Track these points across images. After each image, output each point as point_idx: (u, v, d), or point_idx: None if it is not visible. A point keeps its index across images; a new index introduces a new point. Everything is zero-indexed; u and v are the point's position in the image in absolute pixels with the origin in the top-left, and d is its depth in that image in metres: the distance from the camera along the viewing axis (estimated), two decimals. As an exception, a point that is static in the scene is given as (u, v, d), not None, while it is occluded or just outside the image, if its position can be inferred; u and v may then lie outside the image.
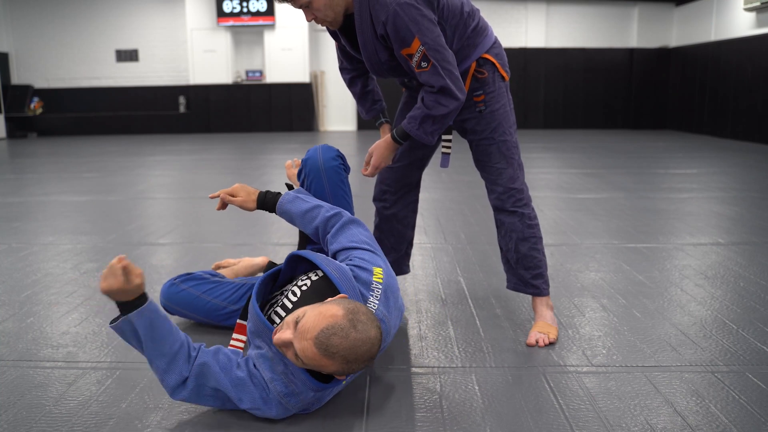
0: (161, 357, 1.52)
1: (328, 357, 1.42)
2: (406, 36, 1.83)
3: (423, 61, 1.87)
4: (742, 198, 4.77)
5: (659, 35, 12.36)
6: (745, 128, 9.73)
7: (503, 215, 2.17)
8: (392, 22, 1.82)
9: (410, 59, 1.88)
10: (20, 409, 1.65)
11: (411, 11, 1.81)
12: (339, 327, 1.42)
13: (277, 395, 1.54)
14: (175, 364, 1.52)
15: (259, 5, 11.86)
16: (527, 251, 2.15)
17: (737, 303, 2.44)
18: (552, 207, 4.43)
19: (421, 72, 1.89)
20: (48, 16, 12.41)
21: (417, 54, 1.86)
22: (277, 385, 1.54)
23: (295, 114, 12.44)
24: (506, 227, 2.17)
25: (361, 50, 1.96)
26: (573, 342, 2.08)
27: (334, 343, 1.41)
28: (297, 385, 1.54)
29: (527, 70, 12.44)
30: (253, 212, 3.13)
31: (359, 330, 1.43)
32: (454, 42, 1.98)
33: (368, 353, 1.45)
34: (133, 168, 7.02)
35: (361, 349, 1.44)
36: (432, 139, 2.01)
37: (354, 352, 1.43)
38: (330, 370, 1.46)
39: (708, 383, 1.77)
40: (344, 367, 1.45)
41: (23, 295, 2.58)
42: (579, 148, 8.75)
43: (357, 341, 1.43)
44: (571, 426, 1.55)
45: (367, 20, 1.88)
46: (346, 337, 1.42)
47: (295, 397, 1.54)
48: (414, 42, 1.84)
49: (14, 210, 4.49)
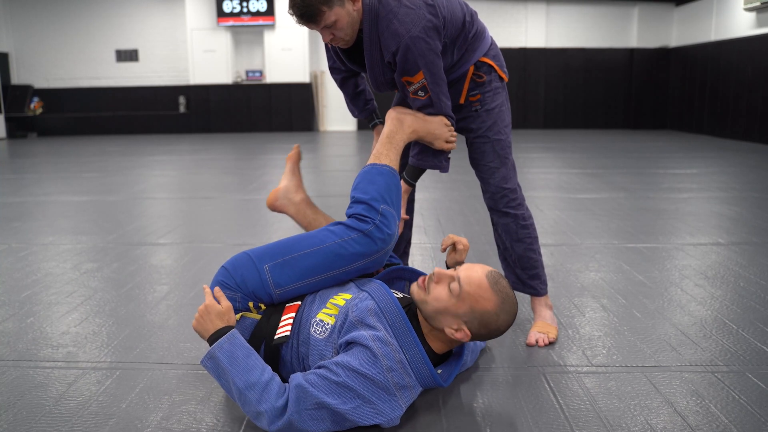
0: (251, 388, 1.45)
1: (493, 290, 1.53)
2: (411, 68, 1.88)
3: (421, 91, 1.93)
4: (742, 198, 4.77)
5: (659, 35, 12.37)
6: (745, 128, 9.73)
7: (497, 216, 2.19)
8: (402, 54, 1.86)
9: (408, 86, 1.94)
10: (20, 409, 1.64)
11: (421, 45, 1.85)
12: (499, 274, 1.59)
13: (393, 386, 1.47)
14: (269, 392, 1.45)
15: (259, 5, 11.86)
16: (522, 252, 2.16)
17: (737, 303, 2.44)
18: (552, 207, 4.43)
19: (415, 99, 1.96)
20: (48, 16, 12.42)
21: (417, 84, 1.92)
22: (395, 376, 1.47)
23: (295, 114, 12.44)
24: (501, 227, 2.18)
25: (368, 68, 1.98)
26: (573, 342, 2.08)
27: (503, 283, 1.56)
28: (411, 377, 1.50)
29: (527, 70, 12.44)
30: (253, 212, 3.14)
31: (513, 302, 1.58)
32: (455, 53, 2.01)
33: (512, 312, 1.57)
34: (133, 168, 7.02)
35: (512, 305, 1.56)
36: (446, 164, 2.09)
37: (509, 302, 1.56)
38: (485, 306, 1.53)
39: (708, 383, 1.77)
40: (499, 308, 1.54)
41: (23, 295, 2.58)
42: (579, 148, 8.75)
43: (513, 298, 1.57)
44: (571, 426, 1.55)
45: (375, 43, 1.90)
46: (508, 289, 1.57)
47: (408, 392, 1.50)
48: (418, 74, 1.89)
49: (14, 210, 4.49)
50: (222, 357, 1.50)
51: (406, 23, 1.83)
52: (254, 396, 1.45)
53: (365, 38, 1.90)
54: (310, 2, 1.77)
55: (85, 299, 2.54)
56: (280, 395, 1.45)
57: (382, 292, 1.62)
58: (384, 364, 1.46)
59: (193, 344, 2.07)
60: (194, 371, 1.87)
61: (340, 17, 1.81)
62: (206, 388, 1.76)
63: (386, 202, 1.78)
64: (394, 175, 1.86)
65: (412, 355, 1.51)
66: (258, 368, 1.49)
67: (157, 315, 2.36)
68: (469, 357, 1.84)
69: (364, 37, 1.90)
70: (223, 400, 1.70)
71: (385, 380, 1.46)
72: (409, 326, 1.55)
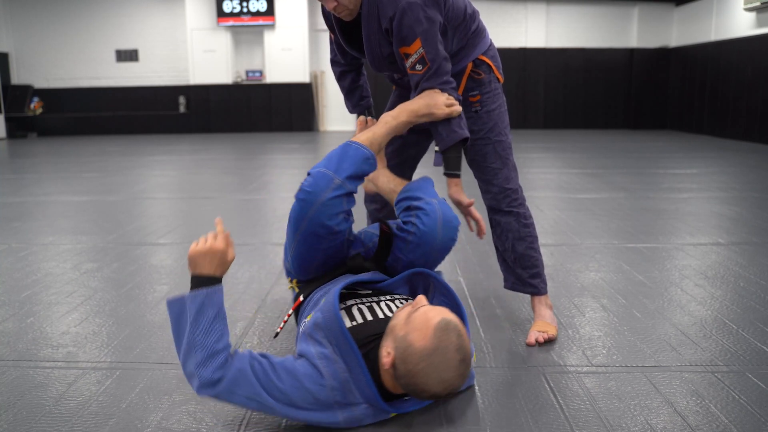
0: (201, 349, 1.42)
1: (434, 331, 1.38)
2: (408, 35, 1.83)
3: (419, 64, 1.87)
4: (742, 198, 4.77)
5: (659, 35, 12.36)
6: (745, 128, 9.73)
7: (499, 215, 2.17)
8: (398, 19, 1.82)
9: (406, 59, 1.89)
10: (20, 409, 1.64)
11: (418, 11, 1.81)
12: (459, 332, 1.41)
13: (334, 403, 1.46)
14: (213, 361, 1.42)
15: (259, 5, 11.86)
16: (524, 251, 2.15)
17: (737, 303, 2.44)
18: (552, 207, 4.43)
19: (413, 74, 1.90)
20: (48, 16, 12.42)
21: (415, 55, 1.86)
22: (337, 395, 1.46)
23: (295, 114, 12.44)
24: (502, 227, 2.17)
25: (365, 42, 1.96)
26: (573, 342, 2.08)
27: (452, 340, 1.39)
28: (355, 396, 1.47)
29: (527, 70, 12.44)
30: (253, 212, 3.14)
31: (465, 359, 1.41)
32: (455, 42, 1.99)
33: (439, 372, 1.38)
34: (133, 168, 7.02)
35: (444, 364, 1.38)
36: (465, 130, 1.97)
37: (442, 359, 1.38)
38: (414, 341, 1.39)
39: (708, 383, 1.77)
40: (426, 353, 1.37)
41: (23, 295, 2.58)
42: (579, 148, 8.75)
43: (452, 362, 1.39)
44: (571, 426, 1.55)
45: (374, 13, 1.88)
46: (454, 352, 1.39)
47: (350, 409, 1.47)
48: (414, 43, 1.84)
49: (14, 210, 4.49)
50: (191, 308, 1.45)
51: None
52: (198, 358, 1.43)
53: (364, 7, 1.88)
54: None
55: (85, 299, 2.54)
56: (219, 368, 1.42)
57: (328, 307, 1.54)
58: (328, 384, 1.45)
59: (193, 344, 2.07)
60: (194, 371, 1.87)
61: None
62: (206, 388, 1.76)
63: (323, 166, 1.73)
64: (347, 145, 1.80)
65: (356, 375, 1.46)
66: (216, 334, 1.44)
67: (157, 315, 2.36)
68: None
69: (363, 5, 1.88)
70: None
71: (326, 398, 1.45)
72: (353, 346, 1.46)
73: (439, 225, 1.80)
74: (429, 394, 1.42)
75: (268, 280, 2.77)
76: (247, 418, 1.59)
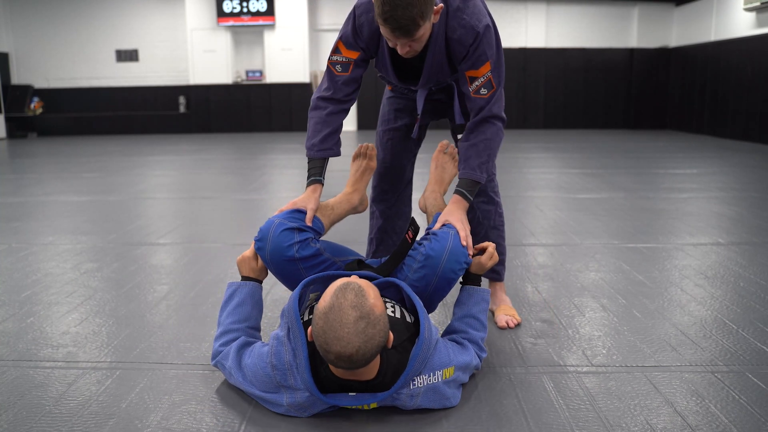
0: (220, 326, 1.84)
1: (333, 292, 1.44)
2: (481, 58, 1.87)
3: (484, 87, 1.90)
4: (742, 198, 4.77)
5: (659, 35, 12.36)
6: (745, 128, 9.72)
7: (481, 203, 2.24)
8: (476, 44, 1.86)
9: (470, 82, 1.91)
10: (20, 409, 1.65)
11: (491, 35, 1.89)
12: (359, 292, 1.44)
13: (275, 383, 1.58)
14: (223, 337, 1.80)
15: (259, 5, 11.86)
16: (495, 239, 2.26)
17: (737, 303, 2.44)
18: (552, 207, 4.43)
19: (477, 98, 1.92)
20: (48, 16, 12.41)
21: (481, 78, 1.89)
22: (278, 375, 1.57)
23: (295, 114, 12.43)
24: (481, 214, 2.25)
25: (426, 72, 1.97)
26: (573, 342, 2.08)
27: (349, 300, 1.41)
28: (296, 381, 1.55)
29: (527, 70, 12.44)
30: (253, 212, 3.14)
31: (364, 316, 1.40)
32: None
33: (331, 327, 1.39)
34: (133, 168, 7.02)
35: (337, 321, 1.39)
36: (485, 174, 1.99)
37: (335, 318, 1.40)
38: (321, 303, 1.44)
39: (708, 383, 1.77)
40: (324, 310, 1.41)
41: (23, 295, 2.58)
42: (579, 148, 8.75)
43: (347, 319, 1.39)
44: (571, 426, 1.55)
45: (441, 44, 1.89)
46: (347, 311, 1.40)
47: (293, 393, 1.56)
48: (484, 66, 1.88)
49: (14, 210, 4.49)
50: (225, 295, 1.91)
51: (476, 14, 1.86)
52: (217, 332, 1.85)
53: (431, 41, 1.89)
54: (411, 15, 1.66)
55: (85, 299, 2.54)
56: (224, 344, 1.78)
57: (294, 294, 1.66)
58: (269, 361, 1.60)
59: (193, 344, 2.07)
60: (194, 371, 1.87)
61: (426, 30, 1.76)
62: (206, 388, 1.77)
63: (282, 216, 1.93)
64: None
65: (299, 360, 1.53)
66: (234, 316, 1.84)
67: (157, 315, 2.36)
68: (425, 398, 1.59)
69: (432, 38, 1.88)
70: (223, 399, 1.70)
71: (267, 375, 1.59)
72: (301, 332, 1.54)
73: (446, 253, 1.79)
74: (334, 355, 1.40)
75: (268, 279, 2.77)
76: (247, 418, 1.60)
